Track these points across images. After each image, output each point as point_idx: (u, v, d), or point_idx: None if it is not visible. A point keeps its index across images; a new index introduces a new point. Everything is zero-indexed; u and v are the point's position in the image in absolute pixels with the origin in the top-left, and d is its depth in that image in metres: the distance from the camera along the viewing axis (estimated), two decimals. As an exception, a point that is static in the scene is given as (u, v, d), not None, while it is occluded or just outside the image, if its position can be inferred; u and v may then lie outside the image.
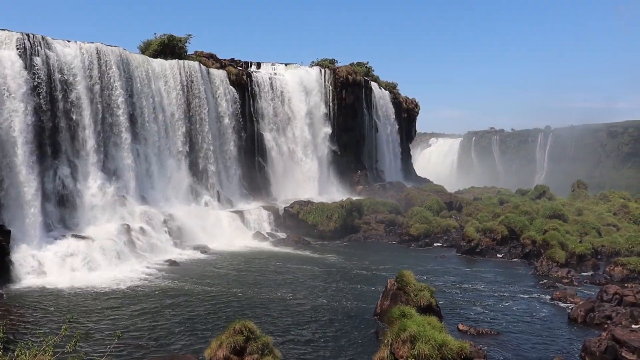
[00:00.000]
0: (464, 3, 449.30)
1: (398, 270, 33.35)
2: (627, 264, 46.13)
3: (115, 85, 55.40)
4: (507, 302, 37.34)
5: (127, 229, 49.53)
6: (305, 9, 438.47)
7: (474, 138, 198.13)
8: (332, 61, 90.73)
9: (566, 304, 36.74)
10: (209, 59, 73.02)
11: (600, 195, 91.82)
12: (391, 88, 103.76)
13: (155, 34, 70.04)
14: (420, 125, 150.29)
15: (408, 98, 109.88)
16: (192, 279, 41.64)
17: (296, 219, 65.77)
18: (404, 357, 22.43)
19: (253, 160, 75.13)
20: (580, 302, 35.31)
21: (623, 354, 26.83)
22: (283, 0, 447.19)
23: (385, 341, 23.45)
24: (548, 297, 38.91)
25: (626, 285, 39.39)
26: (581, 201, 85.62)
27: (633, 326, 30.25)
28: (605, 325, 30.88)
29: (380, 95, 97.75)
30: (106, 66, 54.89)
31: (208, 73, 68.95)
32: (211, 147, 66.86)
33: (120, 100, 55.66)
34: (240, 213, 63.69)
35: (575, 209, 73.28)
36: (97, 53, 54.33)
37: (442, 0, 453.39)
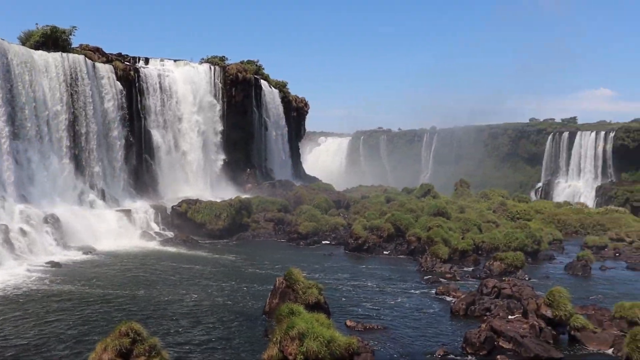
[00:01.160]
0: (352, 3, 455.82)
1: (287, 268, 33.58)
2: (505, 258, 48.42)
3: (-8, 79, 52.85)
4: (393, 298, 38.38)
5: (5, 230, 47.31)
6: (195, 6, 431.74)
7: (362, 137, 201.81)
8: (222, 58, 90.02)
9: (449, 298, 38.18)
10: (94, 53, 70.76)
11: (481, 193, 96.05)
12: (281, 87, 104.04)
13: (37, 24, 67.24)
14: (310, 124, 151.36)
15: (298, 97, 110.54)
16: (77, 281, 40.36)
17: (184, 218, 64.94)
18: (293, 355, 22.68)
19: (140, 158, 73.57)
20: (462, 296, 36.80)
21: (500, 343, 28.28)
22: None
23: (274, 339, 23.62)
24: (432, 291, 40.30)
25: (504, 278, 41.27)
26: (464, 199, 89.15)
27: (509, 317, 31.91)
28: (485, 317, 32.39)
29: (270, 94, 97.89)
30: (-19, 58, 52.27)
31: (94, 67, 66.85)
32: (96, 145, 64.96)
33: (-3, 94, 53.12)
34: (126, 212, 62.26)
35: (458, 206, 76.16)
36: (-27, 44, 51.68)
37: (330, 0, 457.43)
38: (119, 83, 69.74)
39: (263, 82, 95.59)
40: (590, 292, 41.66)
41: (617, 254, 60.75)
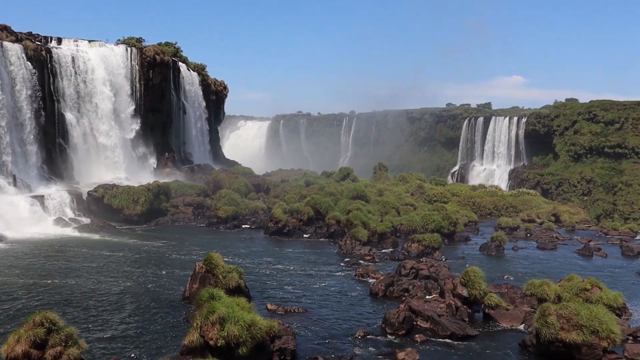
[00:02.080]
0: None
1: (207, 253, 33.36)
2: (422, 240, 49.45)
3: None
4: (313, 281, 38.65)
5: None
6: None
7: (282, 121, 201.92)
8: (140, 40, 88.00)
9: (369, 280, 38.74)
10: (2, 31, 67.97)
11: (399, 177, 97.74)
12: (200, 70, 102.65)
13: (-63, 1, 63.96)
14: (229, 108, 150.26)
15: (217, 80, 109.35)
16: (-14, 268, 38.93)
17: (101, 203, 63.48)
18: (214, 339, 22.56)
19: (54, 142, 71.25)
20: (381, 278, 37.39)
21: (418, 323, 28.92)
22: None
23: (195, 324, 23.43)
24: (352, 274, 40.77)
25: (421, 260, 42.15)
26: (382, 182, 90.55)
27: (427, 297, 32.69)
28: (403, 298, 33.09)
29: (189, 77, 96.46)
30: None
31: (1, 47, 64.15)
32: (6, 128, 62.53)
33: None
34: (39, 198, 60.33)
35: (376, 190, 77.30)
36: None
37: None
38: (29, 64, 67.16)
39: (181, 65, 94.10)
40: (504, 272, 43.08)
41: (528, 235, 63.02)
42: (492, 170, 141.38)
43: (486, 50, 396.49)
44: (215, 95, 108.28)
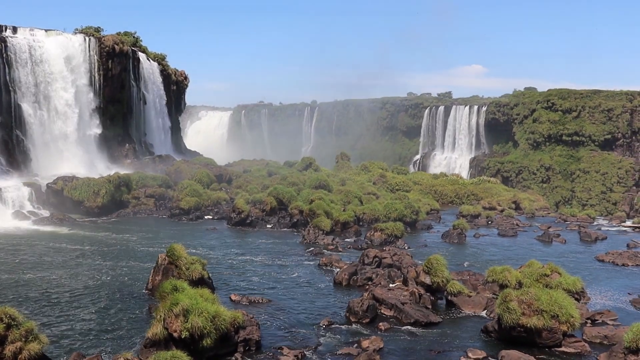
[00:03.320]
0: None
1: (169, 244, 33.12)
2: (385, 229, 49.83)
3: None
4: (277, 271, 38.65)
5: None
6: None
7: (243, 111, 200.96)
8: (98, 29, 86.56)
9: (332, 269, 38.88)
10: (-46, 21, 66.19)
11: (362, 166, 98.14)
12: (160, 59, 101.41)
13: None
14: (190, 98, 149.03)
15: (177, 70, 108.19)
16: (-57, 263, 38.10)
17: (60, 196, 62.50)
18: (178, 331, 22.44)
19: (10, 133, 69.82)
20: (345, 267, 37.57)
21: (382, 311, 29.17)
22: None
23: (158, 316, 23.26)
24: (316, 263, 40.89)
25: (384, 248, 42.49)
26: (345, 172, 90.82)
27: (390, 285, 32.92)
28: (367, 286, 33.26)
29: (149, 67, 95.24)
30: None
31: (-46, 37, 62.60)
32: (-39, 119, 61.09)
33: None
34: (-4, 190, 59.13)
35: (339, 179, 77.49)
36: None
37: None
38: (-17, 54, 65.64)
39: (141, 55, 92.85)
40: (466, 259, 43.65)
41: (489, 222, 63.93)
42: (454, 158, 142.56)
43: (446, 40, 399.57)
44: (175, 85, 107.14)
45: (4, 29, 74.82)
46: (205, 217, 62.64)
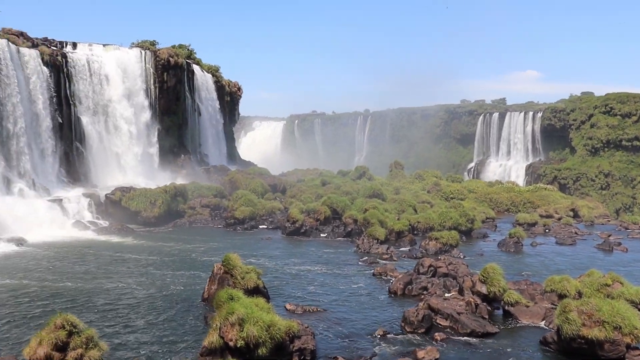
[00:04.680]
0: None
1: (224, 254, 33.41)
2: (440, 237, 49.35)
3: None
4: (331, 280, 38.62)
5: None
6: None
7: (296, 121, 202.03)
8: (153, 43, 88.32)
9: (387, 279, 38.68)
10: (18, 37, 68.46)
11: (416, 174, 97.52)
12: (214, 71, 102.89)
13: (-46, 8, 64.64)
14: (244, 108, 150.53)
15: (231, 81, 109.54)
16: (8, 273, 39.21)
17: (118, 206, 63.81)
18: (233, 340, 22.59)
19: (71, 145, 71.75)
20: (399, 276, 37.29)
21: (438, 321, 28.84)
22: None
23: (214, 325, 23.47)
24: (370, 272, 40.71)
25: (439, 257, 42.02)
26: (398, 180, 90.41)
27: (446, 295, 32.56)
28: (422, 296, 32.98)
29: (203, 78, 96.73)
30: None
31: (18, 52, 64.70)
32: (24, 132, 62.98)
33: None
34: (58, 201, 60.79)
35: (393, 188, 77.20)
36: None
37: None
38: (45, 68, 67.71)
39: (195, 67, 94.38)
40: (523, 268, 42.89)
41: (546, 230, 62.69)
42: (509, 166, 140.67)
43: (500, 46, 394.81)
44: (229, 96, 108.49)
45: (64, 44, 77.21)
46: (260, 226, 63.06)
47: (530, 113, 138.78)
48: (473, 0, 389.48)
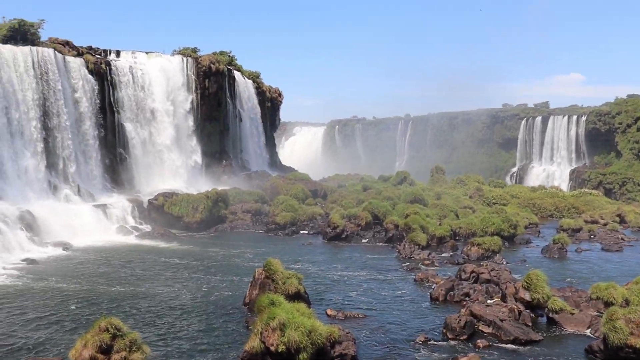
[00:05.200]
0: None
1: (266, 259, 33.53)
2: (482, 243, 48.88)
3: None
4: (372, 286, 38.50)
5: (-21, 228, 46.60)
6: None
7: (337, 126, 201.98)
8: (195, 50, 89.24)
9: (428, 284, 38.41)
10: (64, 46, 69.86)
11: (457, 179, 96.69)
12: (254, 77, 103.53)
13: (3, 17, 66.40)
14: (285, 114, 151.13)
15: (271, 87, 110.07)
16: (55, 277, 39.96)
17: (161, 211, 64.55)
18: (274, 345, 22.66)
19: (114, 152, 72.90)
20: (441, 282, 37.02)
21: (480, 327, 28.54)
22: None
23: (255, 330, 23.58)
24: (411, 278, 40.50)
25: (482, 263, 41.67)
26: (440, 186, 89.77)
27: (488, 301, 32.19)
28: (464, 302, 32.67)
29: (244, 85, 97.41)
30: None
31: (64, 61, 66.03)
32: (69, 139, 64.21)
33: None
34: (102, 207, 61.74)
35: (434, 193, 76.68)
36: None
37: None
38: (90, 76, 68.97)
39: (236, 73, 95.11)
40: (567, 275, 42.21)
41: (591, 236, 61.56)
42: (552, 170, 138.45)
43: (542, 49, 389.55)
44: (270, 102, 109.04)
45: (108, 53, 78.56)
46: (301, 232, 63.19)
47: (574, 117, 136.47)
48: (514, 3, 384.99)
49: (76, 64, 67.71)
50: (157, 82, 78.69)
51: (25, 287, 37.30)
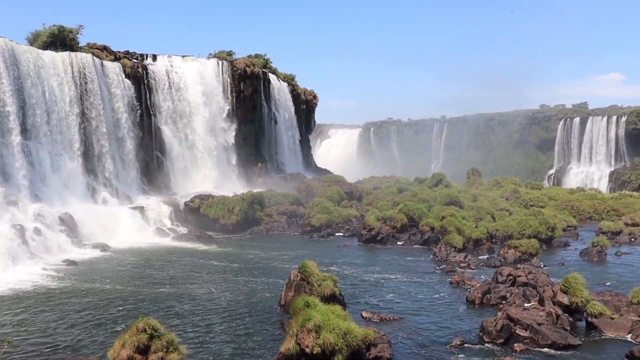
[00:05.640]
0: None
1: (301, 261, 33.59)
2: (519, 246, 48.32)
3: (2, 79, 53.09)
4: (408, 288, 38.32)
5: (20, 230, 47.46)
6: (199, 1, 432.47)
7: (372, 128, 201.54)
8: (230, 53, 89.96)
9: (464, 287, 38.11)
10: (102, 51, 70.97)
11: (494, 181, 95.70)
12: (289, 80, 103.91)
13: (44, 24, 67.71)
14: (319, 116, 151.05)
15: (306, 89, 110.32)
16: (93, 278, 40.56)
17: (197, 213, 65.09)
18: (310, 347, 22.68)
19: (151, 154, 73.82)
20: (477, 285, 36.70)
21: (517, 331, 28.19)
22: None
23: (291, 332, 23.63)
24: (447, 281, 40.21)
25: (519, 266, 41.13)
26: (476, 188, 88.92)
27: (525, 305, 31.78)
28: (501, 306, 32.28)
29: (279, 87, 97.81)
30: (-9, 58, 52.51)
31: (102, 66, 67.10)
32: (107, 142, 65.20)
33: (8, 95, 53.42)
34: (139, 209, 62.51)
35: (470, 195, 75.99)
36: (-19, 45, 51.85)
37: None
38: (127, 80, 70.00)
39: (271, 76, 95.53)
40: (606, 278, 41.48)
41: (632, 239, 60.43)
42: (591, 172, 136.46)
43: (579, 49, 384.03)
44: (305, 104, 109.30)
45: (145, 57, 79.61)
46: (336, 234, 63.17)
47: (614, 117, 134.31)
48: (550, 3, 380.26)
49: (113, 68, 68.76)
50: (193, 85, 79.49)
51: (65, 287, 37.93)
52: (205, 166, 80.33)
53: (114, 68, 68.77)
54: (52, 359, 25.26)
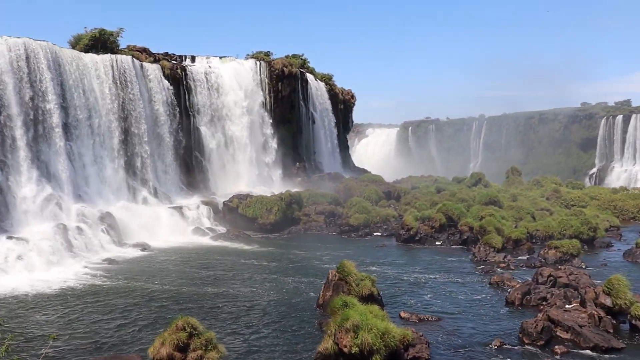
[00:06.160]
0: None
1: (339, 260, 33.58)
2: (560, 246, 47.60)
3: (45, 81, 54.06)
4: (446, 288, 38.03)
5: (63, 229, 48.42)
6: (238, 2, 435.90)
7: (410, 128, 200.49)
8: (267, 53, 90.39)
9: (504, 288, 37.69)
10: (142, 53, 71.92)
11: (534, 181, 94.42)
12: (327, 79, 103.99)
13: (85, 28, 68.76)
14: (357, 116, 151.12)
15: (344, 89, 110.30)
16: (133, 277, 41.12)
17: (236, 213, 65.46)
18: (348, 347, 22.66)
19: (190, 155, 74.49)
20: (517, 285, 36.27)
21: (558, 333, 27.79)
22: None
23: (329, 332, 23.64)
24: (486, 281, 39.81)
25: (559, 267, 40.52)
26: (515, 187, 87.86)
27: (567, 306, 31.30)
28: (541, 307, 31.84)
29: (317, 87, 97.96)
30: (35, 61, 53.48)
31: (142, 67, 67.93)
32: (147, 143, 65.93)
33: (51, 97, 54.40)
34: (179, 209, 63.14)
35: (510, 195, 75.12)
36: (25, 48, 52.83)
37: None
38: (167, 82, 70.75)
39: (309, 76, 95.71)
40: (651, 279, 40.62)
41: (677, 239, 59.05)
42: (634, 171, 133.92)
43: (622, 45, 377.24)
44: (343, 104, 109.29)
45: (184, 58, 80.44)
46: (374, 233, 62.95)
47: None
48: (591, 2, 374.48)
49: (153, 69, 69.58)
50: (231, 85, 80.00)
51: (106, 286, 38.53)
52: (244, 166, 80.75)
53: (153, 69, 69.60)
54: (94, 355, 25.64)
